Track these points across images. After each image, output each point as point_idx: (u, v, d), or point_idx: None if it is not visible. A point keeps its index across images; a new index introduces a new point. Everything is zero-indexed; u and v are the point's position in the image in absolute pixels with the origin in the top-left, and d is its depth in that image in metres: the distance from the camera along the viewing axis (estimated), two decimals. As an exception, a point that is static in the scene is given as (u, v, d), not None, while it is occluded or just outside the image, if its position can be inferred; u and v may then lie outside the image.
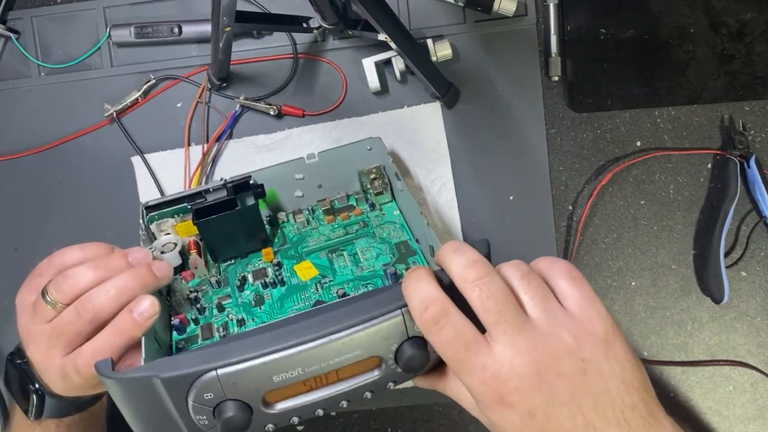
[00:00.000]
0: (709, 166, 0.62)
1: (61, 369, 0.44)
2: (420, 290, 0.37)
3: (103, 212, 0.63)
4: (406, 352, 0.39)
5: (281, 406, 0.39)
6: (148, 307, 0.42)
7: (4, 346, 0.62)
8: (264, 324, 0.48)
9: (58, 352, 0.44)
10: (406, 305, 0.38)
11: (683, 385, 0.62)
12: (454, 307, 0.36)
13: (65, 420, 0.52)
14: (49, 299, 0.44)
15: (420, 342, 0.39)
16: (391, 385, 0.41)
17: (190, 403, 0.37)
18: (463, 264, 0.37)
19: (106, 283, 0.43)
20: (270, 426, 0.40)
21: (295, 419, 0.40)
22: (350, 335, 0.38)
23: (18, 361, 0.51)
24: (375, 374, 0.40)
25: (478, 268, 0.36)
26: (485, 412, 0.35)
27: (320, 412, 0.40)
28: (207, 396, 0.37)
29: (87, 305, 0.43)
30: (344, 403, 0.41)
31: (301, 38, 0.63)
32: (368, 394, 0.41)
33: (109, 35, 0.63)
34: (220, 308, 0.49)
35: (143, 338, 0.42)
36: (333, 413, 0.64)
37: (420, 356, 0.39)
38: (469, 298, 0.36)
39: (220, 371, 0.37)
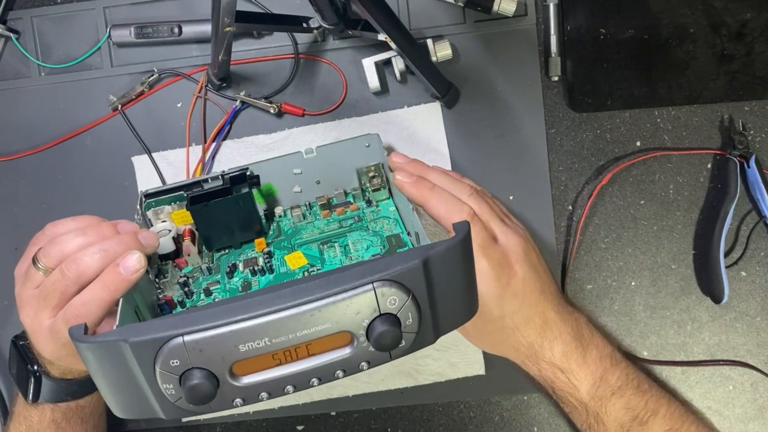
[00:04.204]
0: (709, 166, 0.62)
1: (50, 328, 0.46)
2: (444, 199, 0.51)
3: (103, 212, 0.63)
4: (378, 328, 0.38)
5: (249, 379, 0.39)
6: (134, 261, 0.44)
7: (5, 346, 0.62)
8: (237, 295, 0.48)
9: (47, 314, 0.46)
10: (378, 280, 0.38)
11: (683, 385, 0.62)
12: None
13: (61, 406, 0.54)
14: (39, 266, 0.46)
15: (392, 319, 0.39)
16: (363, 365, 0.41)
17: (158, 370, 0.37)
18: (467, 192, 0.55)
19: (92, 246, 0.45)
20: (238, 400, 0.39)
21: (264, 395, 0.40)
22: (319, 307, 0.37)
23: (21, 343, 0.53)
24: (346, 352, 0.40)
25: (476, 195, 0.55)
26: (497, 284, 0.51)
27: (290, 389, 0.40)
28: (173, 363, 0.37)
29: (71, 265, 0.44)
30: (315, 381, 0.40)
31: (301, 38, 0.63)
32: (340, 373, 0.40)
33: (109, 35, 0.63)
34: (208, 293, 0.49)
35: (120, 307, 0.43)
36: (333, 413, 0.64)
37: (392, 333, 0.39)
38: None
39: (187, 337, 0.36)
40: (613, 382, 0.53)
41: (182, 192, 0.53)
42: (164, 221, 0.53)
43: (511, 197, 0.62)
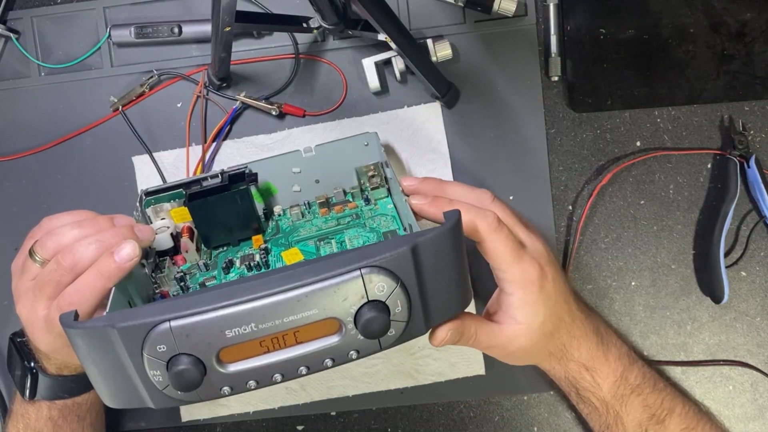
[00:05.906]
0: (709, 166, 0.62)
1: (46, 318, 0.46)
2: (466, 209, 0.48)
3: (102, 212, 0.63)
4: (365, 315, 0.38)
5: (236, 366, 0.39)
6: (129, 250, 0.44)
7: (4, 346, 0.62)
8: (225, 282, 0.48)
9: (42, 305, 0.46)
10: (366, 267, 0.38)
11: (683, 385, 0.62)
12: None
13: (57, 404, 0.54)
14: (36, 257, 0.46)
15: (380, 306, 0.39)
16: (352, 354, 0.40)
17: (145, 356, 0.37)
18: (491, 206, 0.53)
19: (89, 237, 0.45)
20: (226, 388, 0.39)
21: (252, 383, 0.40)
22: (306, 293, 0.37)
23: (18, 340, 0.54)
24: (334, 339, 0.39)
25: (497, 201, 0.54)
26: (537, 290, 0.50)
27: (278, 377, 0.40)
28: (160, 348, 0.37)
29: (67, 255, 0.45)
30: (303, 370, 0.40)
31: (301, 38, 0.63)
32: (329, 362, 0.40)
33: (109, 35, 0.63)
34: (203, 287, 0.49)
35: (112, 296, 0.43)
36: (333, 413, 0.64)
37: (379, 320, 0.38)
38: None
39: (174, 323, 0.37)
40: (632, 380, 0.54)
41: (182, 190, 0.53)
42: (163, 218, 0.54)
43: (511, 197, 0.62)
